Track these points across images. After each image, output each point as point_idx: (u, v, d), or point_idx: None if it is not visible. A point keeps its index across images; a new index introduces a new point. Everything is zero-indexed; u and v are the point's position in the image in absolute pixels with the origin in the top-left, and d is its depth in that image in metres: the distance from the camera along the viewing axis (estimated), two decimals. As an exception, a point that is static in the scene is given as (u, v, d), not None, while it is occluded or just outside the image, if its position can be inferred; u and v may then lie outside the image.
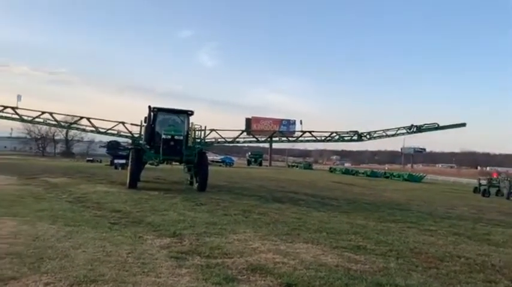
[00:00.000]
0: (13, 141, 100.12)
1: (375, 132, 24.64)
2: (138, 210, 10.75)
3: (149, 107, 17.38)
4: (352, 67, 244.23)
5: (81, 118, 22.45)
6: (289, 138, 30.21)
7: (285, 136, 32.10)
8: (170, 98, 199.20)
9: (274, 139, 29.57)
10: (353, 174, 56.20)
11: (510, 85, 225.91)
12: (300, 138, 25.48)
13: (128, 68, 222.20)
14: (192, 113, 18.17)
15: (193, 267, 5.68)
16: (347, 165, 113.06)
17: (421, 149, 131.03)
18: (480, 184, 32.91)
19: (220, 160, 59.90)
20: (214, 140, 23.70)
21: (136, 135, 20.18)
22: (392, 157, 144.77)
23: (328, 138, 24.37)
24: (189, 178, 19.20)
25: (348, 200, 18.47)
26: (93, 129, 22.49)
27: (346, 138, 24.38)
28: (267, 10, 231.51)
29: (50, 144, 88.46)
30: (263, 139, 29.54)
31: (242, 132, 26.09)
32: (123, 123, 21.24)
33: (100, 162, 47.37)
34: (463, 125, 25.11)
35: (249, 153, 76.31)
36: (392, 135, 24.96)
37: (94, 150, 78.39)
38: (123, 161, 29.27)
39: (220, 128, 22.83)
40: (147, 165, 18.39)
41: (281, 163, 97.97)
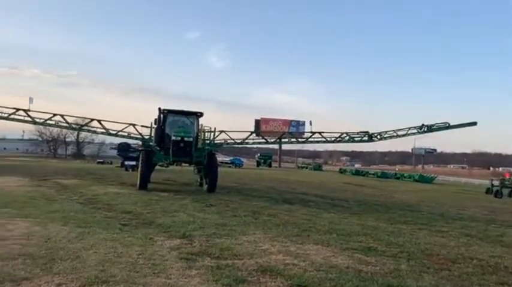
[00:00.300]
0: (25, 143, 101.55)
1: (386, 132, 24.39)
2: (149, 211, 10.80)
3: (159, 109, 17.46)
4: (361, 67, 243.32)
5: (92, 120, 22.60)
6: (298, 139, 30.03)
7: (295, 137, 31.94)
8: (179, 100, 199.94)
9: (283, 140, 29.38)
10: (363, 175, 55.84)
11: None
12: (310, 139, 25.31)
13: (137, 70, 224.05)
14: (202, 115, 18.21)
15: (203, 268, 5.69)
16: (357, 166, 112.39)
17: (432, 149, 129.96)
18: (492, 185, 32.47)
19: (229, 161, 60.04)
20: (223, 142, 23.69)
21: (146, 137, 20.27)
22: (402, 158, 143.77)
23: (338, 139, 24.16)
24: (199, 179, 19.25)
25: (358, 201, 18.37)
26: (103, 131, 22.61)
27: (356, 139, 24.14)
28: (276, 11, 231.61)
29: (61, 146, 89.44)
30: (272, 140, 29.42)
31: (251, 133, 25.99)
32: (133, 125, 21.34)
33: (110, 164, 47.70)
34: (474, 124, 24.77)
35: (258, 154, 76.31)
36: (403, 135, 24.71)
37: (105, 152, 79.19)
38: (133, 162, 29.50)
39: (229, 130, 22.80)
40: (157, 166, 18.46)
41: (290, 164, 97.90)
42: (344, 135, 23.96)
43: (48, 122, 23.28)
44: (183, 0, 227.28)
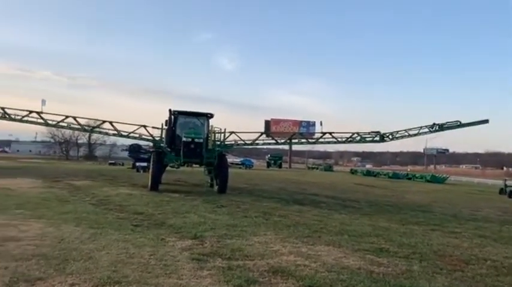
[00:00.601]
0: (37, 145, 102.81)
1: (397, 132, 24.23)
2: (160, 212, 10.86)
3: (170, 111, 17.55)
4: (371, 67, 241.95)
5: (103, 122, 22.84)
6: (309, 139, 30.02)
7: (305, 138, 31.96)
8: (189, 101, 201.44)
9: (293, 141, 29.39)
10: (374, 176, 55.45)
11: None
12: (320, 139, 25.29)
13: (148, 72, 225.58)
14: (212, 116, 18.27)
15: (214, 269, 5.70)
16: (368, 166, 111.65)
17: (444, 149, 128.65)
18: (506, 185, 32.01)
19: (240, 162, 60.06)
20: (233, 143, 23.75)
21: (157, 138, 20.40)
22: (414, 158, 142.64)
23: (349, 139, 24.08)
24: (209, 180, 19.32)
25: (370, 202, 18.26)
26: (115, 132, 22.81)
27: (367, 139, 24.01)
28: (286, 12, 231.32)
29: (73, 148, 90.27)
30: (282, 141, 29.42)
31: (261, 134, 26.07)
32: (144, 126, 21.54)
33: (122, 165, 48.06)
34: (486, 122, 24.48)
35: (269, 155, 76.30)
36: (414, 134, 24.53)
37: (116, 153, 79.83)
38: (144, 164, 29.70)
39: (239, 131, 22.88)
40: (168, 167, 18.58)
41: (301, 165, 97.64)
42: (355, 135, 23.86)
43: (60, 124, 23.56)
44: (194, 2, 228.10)
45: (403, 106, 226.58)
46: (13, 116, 22.95)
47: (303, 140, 29.76)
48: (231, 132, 21.89)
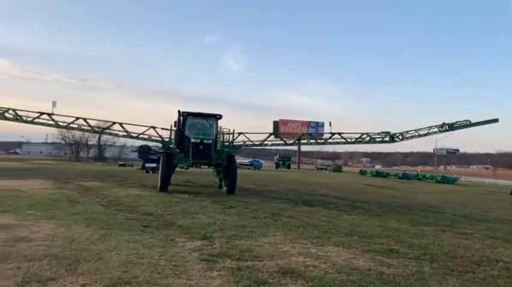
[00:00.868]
0: (48, 146, 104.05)
1: (407, 132, 23.97)
2: (169, 213, 10.90)
3: (179, 112, 17.61)
4: (379, 68, 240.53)
5: (113, 123, 22.93)
6: (317, 140, 29.82)
7: (314, 138, 31.75)
8: (198, 102, 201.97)
9: (302, 142, 29.22)
10: (384, 176, 55.12)
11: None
12: (329, 140, 25.10)
13: (156, 73, 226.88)
14: (221, 117, 18.31)
15: (224, 270, 5.71)
16: (378, 167, 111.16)
17: (455, 150, 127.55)
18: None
19: (248, 163, 60.05)
20: (242, 143, 23.74)
21: (166, 139, 20.48)
22: (424, 159, 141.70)
23: (358, 139, 23.88)
24: (218, 181, 19.35)
25: (380, 203, 18.16)
26: (125, 134, 22.92)
27: (377, 139, 23.78)
28: (292, 13, 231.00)
29: (84, 149, 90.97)
30: (291, 142, 29.31)
31: (270, 135, 25.95)
32: (153, 127, 21.60)
33: (131, 166, 48.31)
34: (496, 121, 24.15)
35: (277, 156, 76.23)
36: (424, 134, 24.26)
37: (126, 154, 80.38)
38: (154, 165, 29.84)
39: (247, 131, 22.84)
40: (177, 168, 18.65)
41: (310, 166, 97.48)
42: (365, 135, 23.65)
43: (71, 126, 23.71)
44: (203, 4, 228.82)
45: (418, 107, 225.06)
46: (24, 118, 23.16)
47: (312, 141, 29.54)
48: (240, 133, 21.87)
